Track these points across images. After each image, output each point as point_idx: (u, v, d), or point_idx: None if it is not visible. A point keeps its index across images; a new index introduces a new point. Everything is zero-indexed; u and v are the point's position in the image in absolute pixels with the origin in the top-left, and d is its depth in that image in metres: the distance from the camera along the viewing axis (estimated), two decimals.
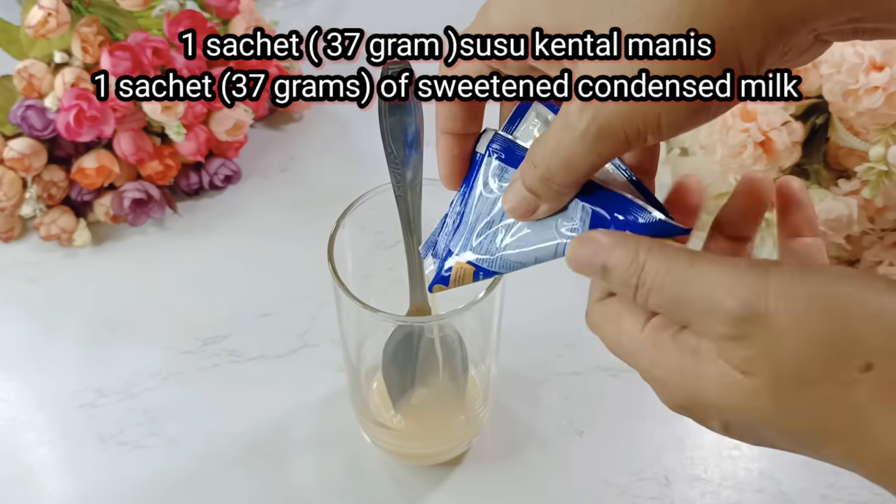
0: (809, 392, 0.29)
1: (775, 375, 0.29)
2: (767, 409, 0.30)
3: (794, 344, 0.29)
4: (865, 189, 0.56)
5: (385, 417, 0.54)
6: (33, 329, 0.64)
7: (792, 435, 0.30)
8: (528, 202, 0.35)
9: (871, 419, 0.29)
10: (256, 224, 0.70)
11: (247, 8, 0.70)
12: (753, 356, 0.29)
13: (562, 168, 0.33)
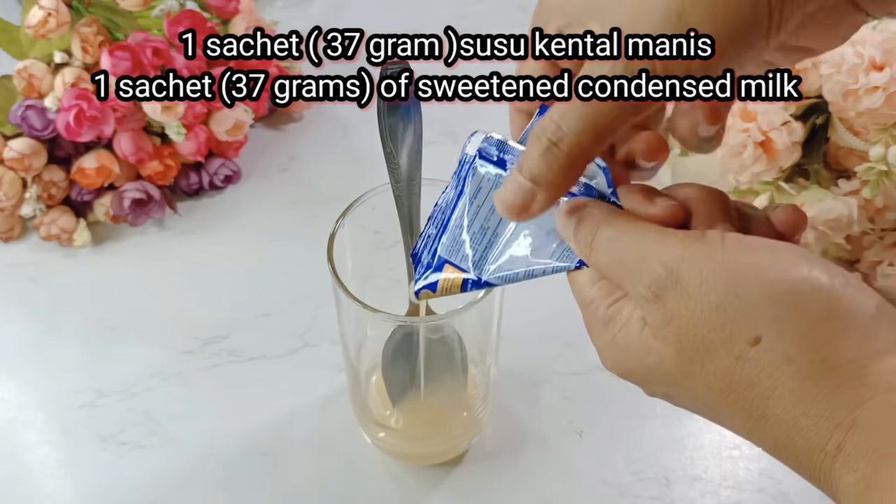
0: (708, 363, 0.30)
1: (679, 342, 0.30)
2: (678, 377, 0.31)
3: (697, 310, 0.29)
4: (865, 189, 0.56)
5: (384, 417, 0.54)
6: (33, 329, 0.64)
7: (704, 407, 0.31)
8: (526, 192, 0.32)
9: (762, 399, 0.29)
10: (256, 224, 0.70)
11: (247, 8, 0.70)
12: (665, 320, 0.30)
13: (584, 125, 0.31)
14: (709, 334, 0.29)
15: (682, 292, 0.30)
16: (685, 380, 0.31)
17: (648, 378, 0.32)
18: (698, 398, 0.31)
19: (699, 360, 0.30)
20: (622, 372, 0.33)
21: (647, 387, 0.33)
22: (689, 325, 0.30)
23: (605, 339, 0.33)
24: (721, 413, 0.31)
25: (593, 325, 0.34)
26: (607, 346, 0.33)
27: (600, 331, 0.33)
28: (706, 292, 0.29)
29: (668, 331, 0.30)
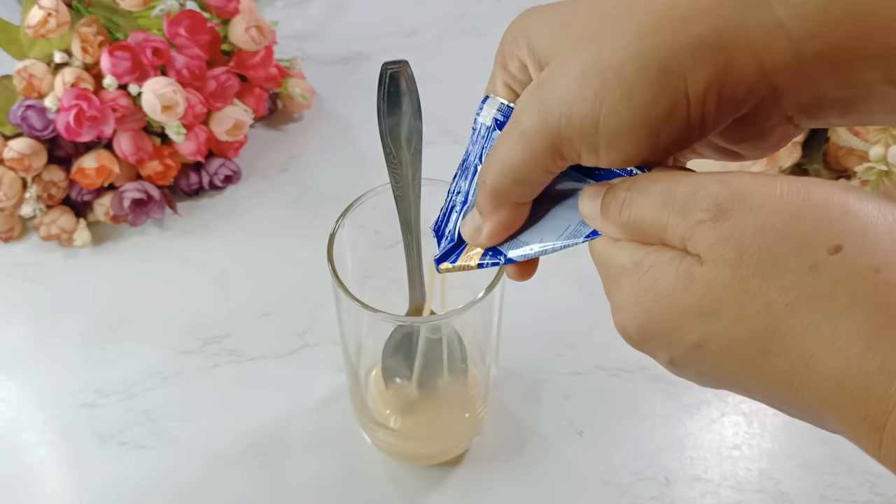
0: (773, 276, 0.27)
1: (739, 256, 0.28)
2: (728, 302, 0.28)
3: (767, 221, 0.27)
4: (865, 189, 0.56)
5: (384, 417, 0.54)
6: (33, 329, 0.64)
7: (751, 340, 0.28)
8: (476, 222, 0.35)
9: (835, 313, 0.26)
10: (256, 224, 0.70)
11: (247, 8, 0.70)
12: (723, 236, 0.28)
13: (498, 170, 0.33)
14: (779, 243, 0.27)
15: (750, 205, 0.28)
16: (737, 303, 0.28)
17: (680, 322, 0.29)
18: (748, 327, 0.28)
19: (762, 275, 0.27)
20: (644, 322, 0.30)
21: (675, 337, 0.30)
22: (755, 236, 0.27)
23: (628, 286, 0.30)
24: (775, 340, 0.27)
25: (612, 277, 0.31)
26: (629, 293, 0.30)
27: (621, 279, 0.31)
28: (780, 203, 0.27)
29: (725, 247, 0.28)
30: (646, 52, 0.29)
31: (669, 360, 0.30)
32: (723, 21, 0.29)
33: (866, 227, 0.27)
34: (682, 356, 0.30)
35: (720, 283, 0.28)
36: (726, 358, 0.29)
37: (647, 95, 0.29)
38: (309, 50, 0.82)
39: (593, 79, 0.29)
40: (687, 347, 0.29)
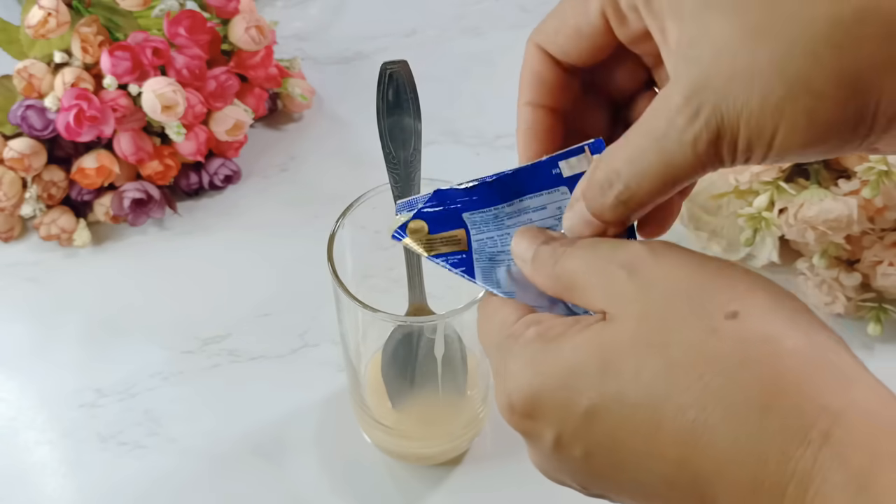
0: (674, 334, 0.27)
1: (642, 313, 0.27)
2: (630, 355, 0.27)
3: (668, 280, 0.28)
4: (865, 189, 0.56)
5: (384, 417, 0.54)
6: (33, 329, 0.64)
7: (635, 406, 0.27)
8: (595, 229, 0.31)
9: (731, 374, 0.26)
10: (256, 224, 0.70)
11: (247, 8, 0.70)
12: (631, 293, 0.28)
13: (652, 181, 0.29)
14: (681, 306, 0.27)
15: (658, 266, 0.28)
16: (638, 358, 0.27)
17: (576, 385, 0.28)
18: (647, 386, 0.27)
19: (666, 330, 0.27)
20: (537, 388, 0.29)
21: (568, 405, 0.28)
22: (661, 295, 0.28)
23: (525, 350, 0.29)
24: (670, 402, 0.26)
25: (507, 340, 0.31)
26: (525, 357, 0.29)
27: (518, 342, 0.30)
28: (687, 267, 0.28)
29: (631, 305, 0.28)
30: (845, 65, 0.25)
31: (556, 437, 0.29)
32: None
33: (767, 302, 0.27)
34: (572, 430, 0.28)
35: (624, 339, 0.28)
36: (619, 427, 0.27)
37: (835, 115, 0.26)
38: (309, 50, 0.82)
39: (772, 83, 0.26)
40: (579, 416, 0.28)
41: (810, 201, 0.57)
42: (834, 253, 0.60)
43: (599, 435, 0.28)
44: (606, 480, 0.29)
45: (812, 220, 0.57)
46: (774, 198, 0.59)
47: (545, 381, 0.29)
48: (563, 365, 0.28)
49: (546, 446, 0.29)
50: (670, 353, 0.27)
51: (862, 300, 0.61)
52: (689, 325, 0.27)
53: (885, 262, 0.59)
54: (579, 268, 0.30)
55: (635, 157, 0.29)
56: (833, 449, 0.24)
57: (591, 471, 0.29)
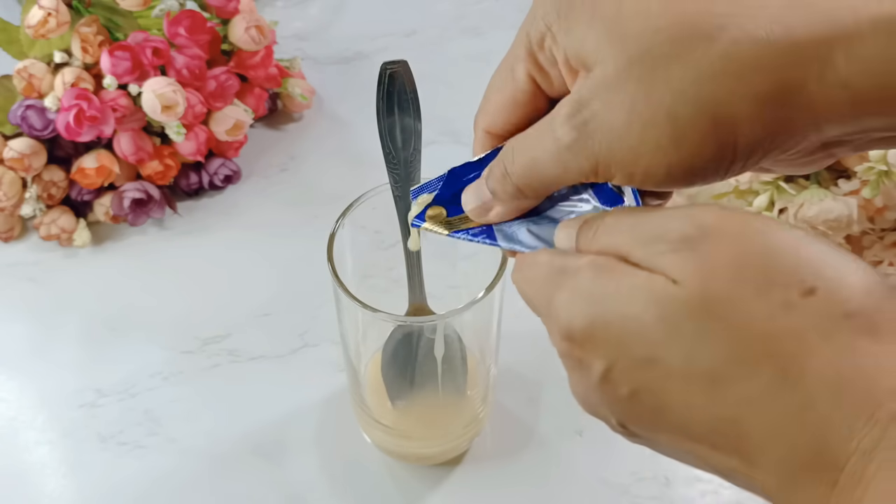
0: (742, 305, 0.26)
1: (707, 280, 0.27)
2: (692, 318, 0.27)
3: (737, 252, 0.27)
4: (865, 189, 0.56)
5: (384, 417, 0.54)
6: (33, 329, 0.64)
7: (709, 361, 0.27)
8: (486, 201, 0.35)
9: (805, 352, 0.26)
10: (256, 224, 0.70)
11: (247, 8, 0.70)
12: (686, 261, 0.27)
13: (530, 173, 0.32)
14: (754, 276, 0.27)
15: (723, 237, 0.27)
16: (701, 334, 0.27)
17: (635, 331, 0.28)
18: (710, 350, 0.27)
19: (733, 304, 0.26)
20: (597, 318, 0.29)
21: (624, 344, 0.28)
22: (725, 266, 0.27)
23: (585, 283, 0.29)
24: (736, 368, 0.26)
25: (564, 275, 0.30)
26: (585, 289, 0.29)
27: (577, 276, 0.30)
28: (754, 237, 0.27)
29: (694, 268, 0.27)
30: (703, 98, 0.28)
31: (605, 370, 0.29)
32: (785, 77, 0.28)
33: (842, 270, 0.27)
34: (623, 368, 0.28)
35: (687, 306, 0.27)
36: (672, 377, 0.27)
37: (695, 144, 0.29)
38: (309, 50, 0.82)
39: (644, 113, 0.29)
40: (632, 359, 0.28)
41: (810, 201, 0.57)
42: None
43: (650, 380, 0.28)
44: (645, 421, 0.29)
45: (812, 220, 0.57)
46: (774, 198, 0.59)
47: (605, 313, 0.29)
48: (626, 306, 0.28)
49: (594, 377, 0.29)
50: (737, 325, 0.27)
51: None
52: (761, 301, 0.26)
53: (885, 262, 0.58)
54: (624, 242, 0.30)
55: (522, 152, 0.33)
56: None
57: (632, 410, 0.29)
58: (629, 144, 0.29)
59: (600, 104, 0.30)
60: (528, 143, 0.33)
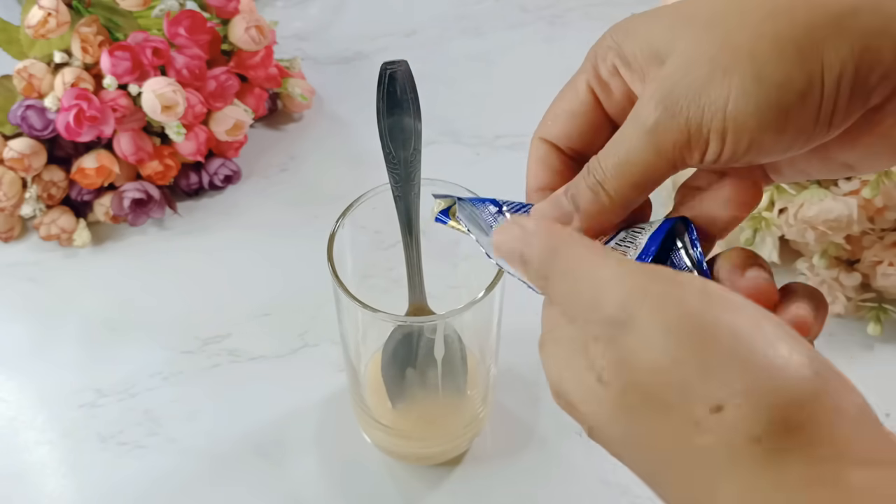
0: (652, 419, 0.26)
1: (623, 389, 0.27)
2: (611, 424, 0.27)
3: (651, 359, 0.26)
4: (865, 189, 0.56)
5: (384, 417, 0.54)
6: (33, 329, 0.64)
7: (634, 461, 0.28)
8: (565, 214, 0.33)
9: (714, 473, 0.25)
10: (256, 224, 0.70)
11: (247, 8, 0.70)
12: (612, 362, 0.27)
13: (621, 173, 0.31)
14: (663, 389, 0.26)
15: (637, 338, 0.26)
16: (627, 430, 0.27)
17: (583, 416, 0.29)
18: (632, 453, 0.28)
19: (644, 416, 0.26)
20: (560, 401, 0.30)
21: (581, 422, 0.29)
22: (638, 378, 0.26)
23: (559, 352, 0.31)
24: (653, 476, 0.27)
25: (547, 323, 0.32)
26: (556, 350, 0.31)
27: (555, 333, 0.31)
28: (665, 345, 0.26)
29: (612, 374, 0.27)
30: (781, 29, 0.28)
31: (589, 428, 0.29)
32: (859, 1, 0.28)
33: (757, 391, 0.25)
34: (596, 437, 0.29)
35: (607, 406, 0.27)
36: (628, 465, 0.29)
37: (779, 76, 0.28)
38: (309, 50, 0.82)
39: (723, 59, 0.28)
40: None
41: (810, 201, 0.57)
42: (834, 253, 0.60)
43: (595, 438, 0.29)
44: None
45: (812, 220, 0.57)
46: (774, 198, 0.59)
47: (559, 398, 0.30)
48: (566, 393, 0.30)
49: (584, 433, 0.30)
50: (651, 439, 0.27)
51: (862, 300, 0.61)
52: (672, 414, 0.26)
53: (885, 262, 0.59)
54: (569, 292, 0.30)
55: (611, 155, 0.31)
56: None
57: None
58: (716, 96, 0.28)
59: (681, 73, 0.29)
60: (613, 144, 0.31)
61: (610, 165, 0.31)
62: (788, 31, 0.28)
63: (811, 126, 0.29)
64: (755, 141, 0.29)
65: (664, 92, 0.29)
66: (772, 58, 0.28)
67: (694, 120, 0.29)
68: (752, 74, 0.28)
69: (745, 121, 0.28)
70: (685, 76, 0.29)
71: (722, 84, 0.28)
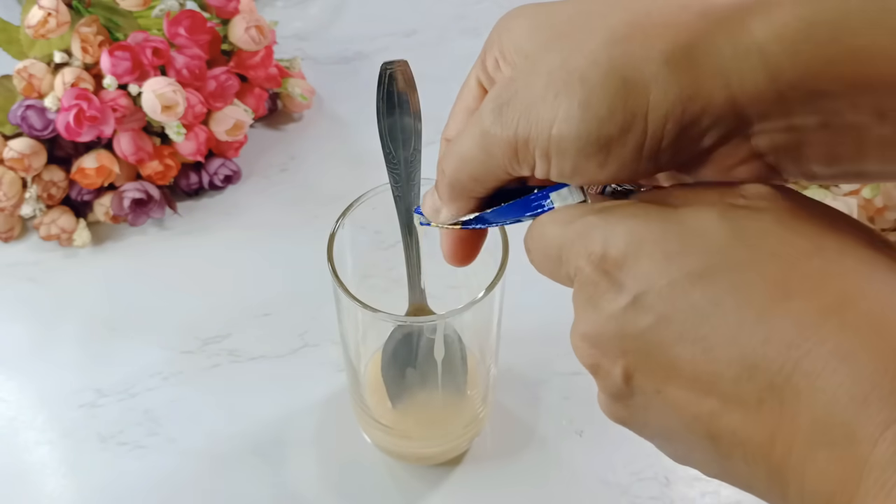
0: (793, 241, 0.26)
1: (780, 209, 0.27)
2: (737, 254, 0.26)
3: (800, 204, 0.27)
4: (865, 189, 0.56)
5: (384, 417, 0.54)
6: (33, 329, 0.64)
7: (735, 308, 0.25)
8: (435, 203, 0.35)
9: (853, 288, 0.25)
10: (256, 224, 0.70)
11: (247, 8, 0.70)
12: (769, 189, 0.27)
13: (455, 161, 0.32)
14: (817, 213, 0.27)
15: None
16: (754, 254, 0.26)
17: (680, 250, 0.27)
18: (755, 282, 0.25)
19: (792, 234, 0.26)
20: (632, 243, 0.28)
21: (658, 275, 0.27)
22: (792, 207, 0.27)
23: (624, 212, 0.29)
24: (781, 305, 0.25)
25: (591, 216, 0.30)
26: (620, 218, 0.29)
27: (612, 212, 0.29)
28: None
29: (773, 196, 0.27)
30: (613, 60, 0.27)
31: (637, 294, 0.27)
32: (695, 39, 0.27)
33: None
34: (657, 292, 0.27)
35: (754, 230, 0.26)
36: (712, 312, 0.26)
37: (603, 109, 0.27)
38: (309, 50, 0.82)
39: (556, 80, 0.28)
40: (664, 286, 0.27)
41: None
42: None
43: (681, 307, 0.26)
44: (659, 362, 0.27)
45: None
46: None
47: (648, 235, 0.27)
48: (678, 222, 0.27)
49: (619, 304, 0.27)
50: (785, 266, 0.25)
51: None
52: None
53: None
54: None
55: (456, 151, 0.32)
56: None
57: (648, 345, 0.27)
58: (544, 115, 0.28)
59: (522, 82, 0.29)
60: (458, 139, 0.32)
61: (450, 160, 0.32)
62: (621, 62, 0.27)
63: (634, 161, 0.28)
64: (578, 167, 0.28)
65: (503, 98, 0.30)
66: (600, 88, 0.27)
67: (522, 135, 0.29)
68: (580, 101, 0.27)
69: (567, 147, 0.28)
70: (524, 86, 0.29)
71: (553, 104, 0.28)
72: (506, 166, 0.31)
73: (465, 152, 0.32)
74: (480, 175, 0.32)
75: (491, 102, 0.30)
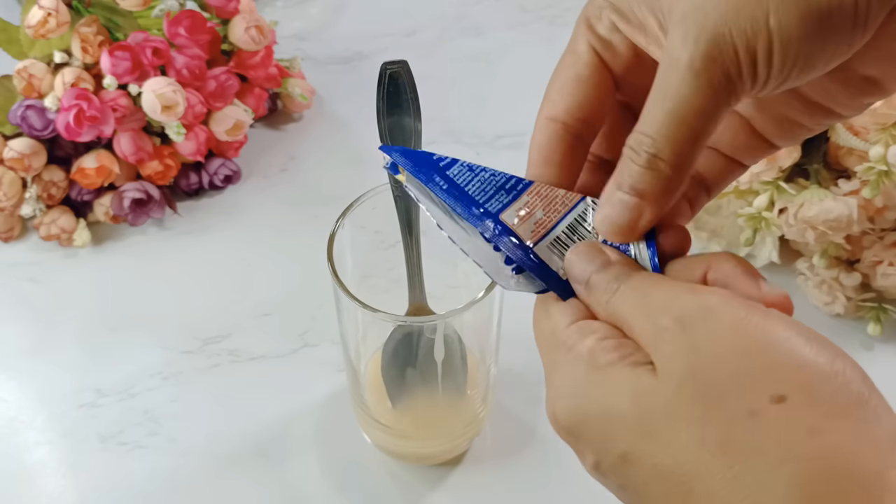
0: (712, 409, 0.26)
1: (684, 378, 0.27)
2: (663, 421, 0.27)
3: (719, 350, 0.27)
4: (865, 189, 0.56)
5: (384, 417, 0.54)
6: (33, 329, 0.64)
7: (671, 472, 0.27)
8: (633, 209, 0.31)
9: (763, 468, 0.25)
10: (256, 224, 0.70)
11: (247, 8, 0.70)
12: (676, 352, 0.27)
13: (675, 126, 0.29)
14: (726, 378, 0.26)
15: (711, 327, 0.27)
16: (673, 429, 0.27)
17: (614, 429, 0.28)
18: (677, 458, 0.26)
19: (703, 404, 0.26)
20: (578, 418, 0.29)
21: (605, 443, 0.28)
22: (706, 361, 0.27)
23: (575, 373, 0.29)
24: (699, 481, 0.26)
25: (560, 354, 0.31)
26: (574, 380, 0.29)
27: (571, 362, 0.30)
28: (738, 334, 0.27)
29: (678, 362, 0.27)
30: None
31: (595, 462, 0.29)
32: None
33: (813, 384, 0.25)
34: (609, 464, 0.29)
35: (663, 400, 0.27)
36: (651, 482, 0.27)
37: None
38: (309, 50, 0.82)
39: None
40: (615, 456, 0.28)
41: (810, 201, 0.57)
42: (834, 253, 0.60)
43: (633, 477, 0.28)
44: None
45: (812, 220, 0.57)
46: (774, 198, 0.59)
47: (588, 411, 0.29)
48: (606, 402, 0.29)
49: (587, 464, 0.30)
50: (705, 431, 0.26)
51: (862, 300, 0.61)
52: (729, 404, 0.26)
53: (885, 262, 0.59)
54: (631, 312, 0.30)
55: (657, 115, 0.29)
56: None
57: (626, 497, 0.29)
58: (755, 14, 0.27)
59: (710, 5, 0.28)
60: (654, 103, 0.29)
61: (659, 125, 0.29)
62: None
63: (851, 28, 0.28)
64: (801, 53, 0.28)
65: (698, 27, 0.28)
66: None
67: (739, 42, 0.28)
68: None
69: (790, 32, 0.27)
70: (714, 5, 0.28)
71: (758, 1, 0.27)
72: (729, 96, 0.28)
73: (678, 106, 0.29)
74: (701, 128, 0.29)
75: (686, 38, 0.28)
